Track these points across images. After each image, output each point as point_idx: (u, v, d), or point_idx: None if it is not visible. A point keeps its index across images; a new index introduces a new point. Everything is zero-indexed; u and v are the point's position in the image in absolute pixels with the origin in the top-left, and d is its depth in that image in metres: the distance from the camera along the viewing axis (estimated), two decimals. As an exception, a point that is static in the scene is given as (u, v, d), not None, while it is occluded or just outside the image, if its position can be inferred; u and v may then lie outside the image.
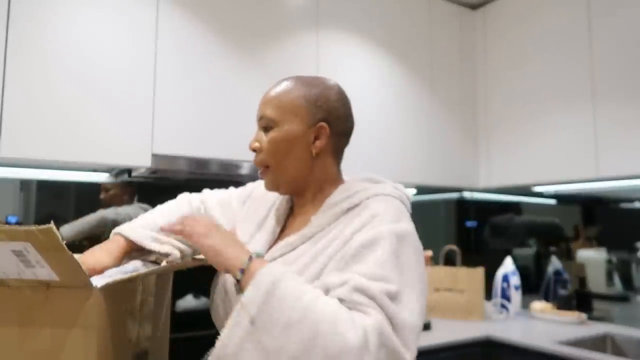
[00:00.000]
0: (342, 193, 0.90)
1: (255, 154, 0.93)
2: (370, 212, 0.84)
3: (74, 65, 1.63)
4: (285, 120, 0.90)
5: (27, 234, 0.56)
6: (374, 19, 2.35)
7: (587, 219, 2.64)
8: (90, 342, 0.66)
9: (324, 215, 0.88)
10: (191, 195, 1.16)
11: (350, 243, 0.80)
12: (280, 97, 0.93)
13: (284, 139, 0.90)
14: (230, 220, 1.05)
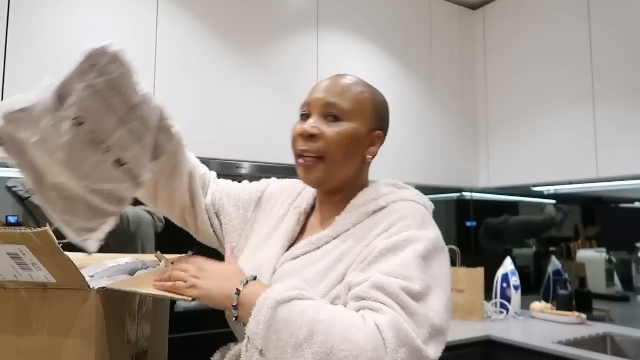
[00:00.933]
0: (367, 195, 0.89)
1: (306, 140, 0.87)
2: (398, 215, 0.82)
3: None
4: (356, 116, 0.87)
5: (23, 236, 0.56)
6: (374, 19, 2.35)
7: (587, 219, 2.64)
8: (88, 343, 0.66)
9: (349, 215, 0.87)
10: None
11: (375, 244, 0.78)
12: (355, 92, 0.88)
13: (353, 136, 0.86)
14: (240, 218, 1.01)
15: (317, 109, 0.88)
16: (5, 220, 1.82)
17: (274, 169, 2.01)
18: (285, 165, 2.04)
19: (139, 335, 0.85)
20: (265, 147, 1.98)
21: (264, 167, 1.98)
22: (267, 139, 1.99)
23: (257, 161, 1.96)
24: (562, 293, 2.37)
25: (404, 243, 0.77)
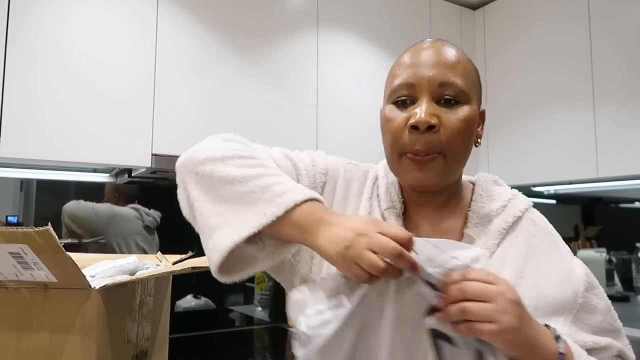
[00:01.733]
0: (485, 198, 0.73)
1: (421, 133, 0.66)
2: (546, 231, 0.72)
3: (74, 66, 1.64)
4: (474, 94, 0.69)
5: (25, 235, 0.56)
6: (374, 19, 2.35)
7: (587, 219, 2.64)
8: (89, 343, 0.66)
9: (483, 231, 0.70)
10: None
11: (569, 286, 0.68)
12: (465, 65, 0.69)
13: (472, 122, 0.68)
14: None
15: (427, 90, 0.67)
16: (5, 220, 1.82)
17: (274, 169, 2.01)
18: (285, 165, 2.04)
19: (139, 335, 0.85)
20: (265, 146, 1.98)
21: (264, 167, 1.98)
22: (267, 139, 1.99)
23: (257, 161, 1.96)
24: (562, 293, 2.36)
25: (592, 281, 0.70)
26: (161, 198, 2.21)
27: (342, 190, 0.75)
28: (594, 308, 0.70)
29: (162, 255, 1.02)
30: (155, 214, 2.10)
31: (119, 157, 1.69)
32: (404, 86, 0.70)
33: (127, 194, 2.07)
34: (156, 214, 2.10)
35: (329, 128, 2.16)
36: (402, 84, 0.70)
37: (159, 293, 0.95)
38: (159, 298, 0.95)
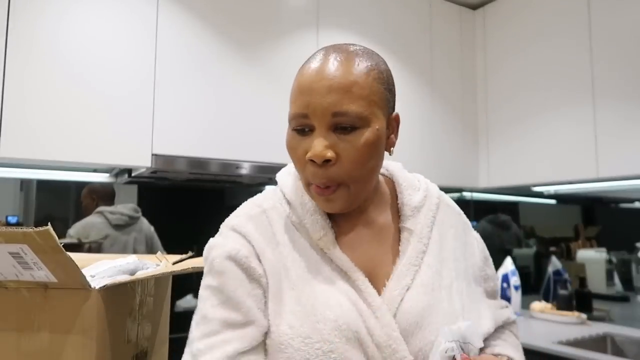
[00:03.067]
0: (410, 189, 0.78)
1: (319, 167, 0.65)
2: (457, 211, 0.85)
3: (74, 66, 1.64)
4: (373, 114, 0.66)
5: (25, 235, 0.56)
6: (374, 19, 2.35)
7: (587, 219, 2.64)
8: (89, 343, 0.66)
9: (416, 221, 0.75)
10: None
11: (471, 254, 0.81)
12: (362, 83, 0.65)
13: (375, 142, 0.66)
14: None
15: (322, 121, 0.65)
16: (5, 220, 1.82)
17: (274, 168, 2.01)
18: (284, 165, 2.03)
19: (139, 335, 0.85)
20: (265, 147, 1.98)
21: (264, 167, 1.98)
22: (267, 139, 1.99)
23: (257, 161, 1.97)
24: (562, 293, 2.37)
25: (487, 253, 0.87)
26: (161, 198, 2.20)
27: (268, 261, 0.71)
28: (489, 276, 0.83)
29: (162, 255, 1.02)
30: (124, 208, 2.03)
31: (119, 157, 1.69)
32: (299, 115, 0.67)
33: (104, 194, 2.03)
34: (125, 208, 2.03)
35: (329, 128, 2.15)
36: (297, 114, 0.67)
37: (159, 293, 0.95)
38: (159, 298, 0.95)
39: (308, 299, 0.67)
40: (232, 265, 0.69)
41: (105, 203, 2.02)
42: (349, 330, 0.65)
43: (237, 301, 0.67)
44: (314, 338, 0.65)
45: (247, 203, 0.77)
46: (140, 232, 2.07)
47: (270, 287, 0.69)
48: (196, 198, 2.28)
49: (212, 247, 0.72)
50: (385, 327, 0.66)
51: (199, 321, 0.68)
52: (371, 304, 0.67)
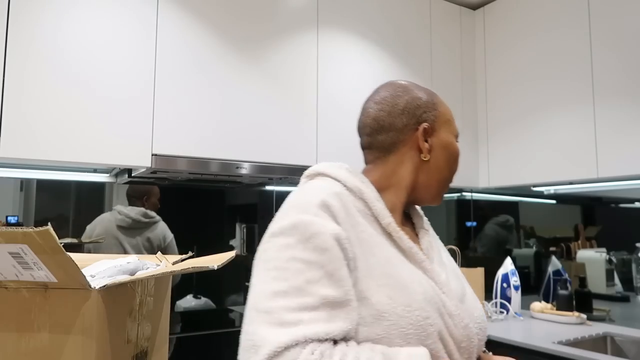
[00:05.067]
0: None
1: None
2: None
3: (74, 66, 1.64)
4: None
5: (24, 235, 0.56)
6: (374, 19, 2.35)
7: (587, 219, 2.64)
8: (89, 343, 0.66)
9: (424, 219, 0.98)
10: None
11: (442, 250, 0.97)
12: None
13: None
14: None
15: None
16: (5, 220, 1.82)
17: (274, 169, 2.01)
18: (284, 165, 2.04)
19: (139, 335, 0.85)
20: (265, 147, 1.98)
21: (264, 167, 1.98)
22: (267, 139, 1.99)
23: (257, 161, 1.97)
24: (562, 293, 2.37)
25: None
26: (161, 198, 2.20)
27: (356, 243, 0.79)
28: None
29: (162, 255, 1.02)
30: (132, 211, 2.04)
31: (119, 157, 1.69)
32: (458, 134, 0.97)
33: (154, 193, 2.12)
34: (132, 211, 2.04)
35: (329, 128, 2.16)
36: (458, 133, 0.96)
37: (159, 293, 0.95)
38: (159, 298, 0.95)
39: (397, 274, 0.78)
40: (335, 244, 0.74)
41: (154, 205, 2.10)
42: (433, 301, 0.78)
43: (340, 280, 0.72)
44: (413, 306, 0.75)
45: (316, 187, 0.83)
46: (145, 239, 2.06)
47: (360, 265, 0.77)
48: (196, 198, 2.28)
49: (309, 223, 0.75)
50: (453, 299, 0.82)
51: (289, 292, 0.70)
52: (437, 282, 0.83)
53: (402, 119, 0.89)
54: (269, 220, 0.82)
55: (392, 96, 0.90)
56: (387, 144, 0.90)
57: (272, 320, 0.68)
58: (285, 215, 0.78)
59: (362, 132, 0.94)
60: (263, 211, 2.45)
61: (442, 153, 0.90)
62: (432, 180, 0.90)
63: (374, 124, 0.91)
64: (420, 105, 0.89)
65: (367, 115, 0.92)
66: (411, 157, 0.89)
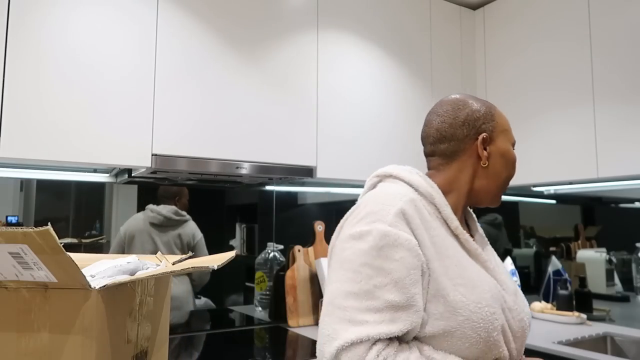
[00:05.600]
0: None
1: None
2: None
3: (74, 66, 1.64)
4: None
5: (25, 235, 0.56)
6: (374, 19, 2.35)
7: (587, 219, 2.64)
8: (89, 343, 0.66)
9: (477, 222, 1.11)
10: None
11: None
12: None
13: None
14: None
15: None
16: (5, 220, 1.82)
17: (274, 169, 2.01)
18: (284, 165, 2.04)
19: (139, 335, 0.85)
20: (265, 147, 1.98)
21: (264, 167, 1.98)
22: (267, 139, 1.99)
23: (257, 161, 1.97)
24: (562, 293, 2.37)
25: None
26: (161, 198, 2.20)
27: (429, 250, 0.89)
28: None
29: (162, 255, 1.02)
30: (164, 209, 2.14)
31: (119, 157, 1.69)
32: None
33: (184, 194, 2.22)
34: (164, 209, 2.14)
35: (329, 128, 2.16)
36: (514, 140, 1.07)
37: (159, 293, 0.95)
38: (159, 298, 0.95)
39: (468, 274, 0.89)
40: (407, 254, 0.84)
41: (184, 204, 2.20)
42: (497, 298, 0.89)
43: (405, 287, 0.82)
44: (482, 303, 0.86)
45: (391, 192, 0.92)
46: (176, 236, 2.15)
47: (434, 266, 0.87)
48: (196, 198, 2.28)
49: (384, 234, 0.85)
50: (511, 295, 0.94)
51: (359, 294, 0.82)
52: (498, 280, 0.94)
53: (463, 130, 0.99)
54: (269, 220, 0.85)
55: (454, 109, 1.01)
56: (449, 152, 1.01)
57: (345, 317, 0.81)
58: (364, 220, 0.89)
59: (426, 142, 1.05)
60: (263, 211, 2.45)
61: (499, 160, 1.01)
62: (491, 185, 1.03)
63: (437, 134, 1.01)
64: (479, 117, 1.00)
65: (430, 126, 1.03)
66: (472, 164, 1.00)
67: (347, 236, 0.89)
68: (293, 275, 2.23)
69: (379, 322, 0.80)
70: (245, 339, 1.98)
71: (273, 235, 2.43)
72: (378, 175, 1.03)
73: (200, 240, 2.22)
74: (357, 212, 0.92)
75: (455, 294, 0.86)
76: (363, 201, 0.93)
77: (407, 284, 0.82)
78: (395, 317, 0.81)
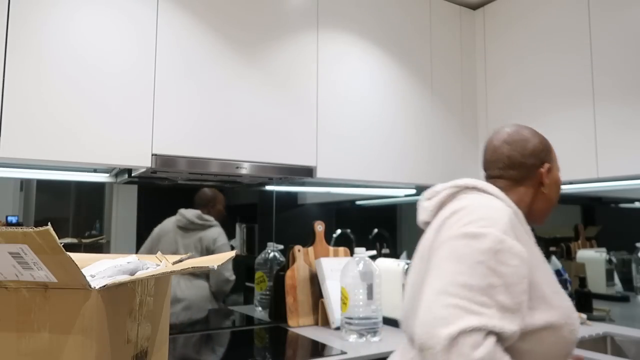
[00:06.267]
0: None
1: None
2: None
3: (74, 66, 1.64)
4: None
5: (25, 235, 0.56)
6: (374, 19, 2.35)
7: (587, 219, 2.64)
8: (89, 343, 0.66)
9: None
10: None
11: None
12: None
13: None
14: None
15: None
16: (5, 220, 1.82)
17: (274, 169, 2.01)
18: (285, 165, 2.04)
19: (139, 335, 0.85)
20: (265, 147, 1.98)
21: (264, 167, 1.98)
22: (267, 139, 1.99)
23: (257, 161, 1.97)
24: (562, 293, 2.37)
25: None
26: (161, 198, 2.21)
27: (526, 248, 1.02)
28: None
29: (162, 255, 1.02)
30: (188, 212, 2.21)
31: (119, 157, 1.69)
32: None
33: (219, 200, 2.30)
34: (188, 213, 2.21)
35: (329, 128, 2.16)
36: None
37: (159, 293, 0.95)
38: (159, 298, 0.95)
39: (556, 283, 1.03)
40: (518, 263, 0.94)
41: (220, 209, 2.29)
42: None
43: (515, 292, 0.92)
44: (568, 311, 1.00)
45: (493, 204, 1.04)
46: (197, 239, 2.22)
47: (536, 274, 0.99)
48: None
49: (500, 240, 0.95)
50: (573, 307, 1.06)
51: (474, 288, 0.91)
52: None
53: (531, 160, 1.16)
54: (269, 220, 0.84)
55: (522, 140, 1.17)
56: (517, 178, 1.16)
57: (459, 305, 0.89)
58: (476, 223, 0.98)
59: (494, 166, 1.19)
60: (263, 211, 2.45)
61: (554, 186, 1.18)
62: (547, 207, 1.19)
63: (508, 161, 1.17)
64: (543, 149, 1.18)
65: (500, 153, 1.18)
66: (534, 188, 1.17)
67: (459, 234, 0.98)
68: (293, 275, 2.23)
69: (491, 316, 0.88)
70: (245, 339, 1.98)
71: (273, 235, 2.43)
72: (457, 186, 1.14)
73: (221, 246, 2.28)
74: (461, 216, 1.02)
75: (554, 300, 0.99)
76: (464, 207, 1.04)
77: (518, 291, 0.92)
78: (504, 317, 0.89)
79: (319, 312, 2.23)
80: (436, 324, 0.88)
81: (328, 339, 1.95)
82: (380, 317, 1.99)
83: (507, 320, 0.89)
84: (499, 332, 0.88)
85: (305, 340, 1.93)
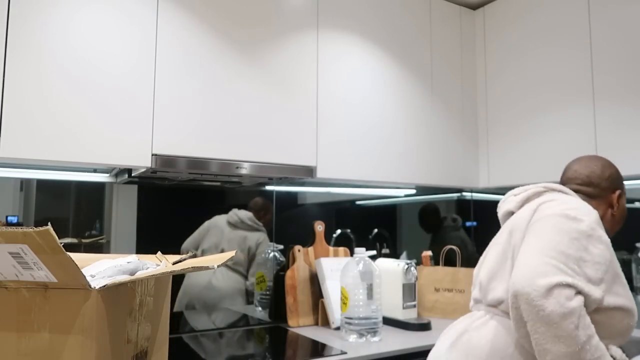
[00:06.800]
0: None
1: None
2: None
3: (74, 66, 1.64)
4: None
5: (25, 235, 0.56)
6: (374, 19, 2.35)
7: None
8: (89, 343, 0.66)
9: None
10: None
11: None
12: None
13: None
14: None
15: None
16: (5, 220, 1.82)
17: (274, 169, 2.01)
18: (285, 165, 2.04)
19: (139, 335, 0.85)
20: (265, 147, 1.98)
21: (264, 167, 1.98)
22: (267, 139, 1.99)
23: (257, 161, 1.97)
24: (562, 293, 2.36)
25: None
26: (161, 198, 2.21)
27: None
28: None
29: (162, 255, 1.02)
30: (241, 212, 2.33)
31: (119, 157, 1.69)
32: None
33: (270, 210, 2.42)
34: (242, 212, 2.33)
35: (329, 128, 2.16)
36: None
37: (159, 293, 0.95)
38: (159, 298, 0.95)
39: (624, 278, 1.18)
40: (604, 248, 1.16)
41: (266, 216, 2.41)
42: None
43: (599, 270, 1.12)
44: (633, 301, 1.16)
45: (585, 203, 1.24)
46: (242, 237, 2.32)
47: (615, 267, 1.17)
48: (196, 198, 2.28)
49: (594, 228, 1.16)
50: None
51: (569, 257, 1.10)
52: None
53: (607, 183, 1.35)
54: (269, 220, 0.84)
55: (603, 166, 1.37)
56: (591, 194, 1.36)
57: (556, 265, 1.07)
58: (573, 210, 1.18)
59: (573, 181, 1.39)
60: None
61: (621, 211, 1.38)
62: (613, 227, 1.39)
63: (586, 179, 1.36)
64: (618, 177, 1.38)
65: (581, 171, 1.37)
66: (604, 208, 1.36)
67: (561, 213, 1.17)
68: (293, 275, 2.23)
69: (579, 280, 1.07)
70: (245, 339, 1.98)
71: (273, 235, 2.43)
72: (545, 186, 1.35)
73: (262, 250, 2.36)
74: (559, 203, 1.22)
75: (626, 290, 1.17)
76: (558, 198, 1.25)
77: (601, 270, 1.11)
78: (589, 285, 1.08)
79: (319, 312, 2.23)
80: (535, 276, 1.05)
81: (328, 339, 1.95)
82: (380, 317, 1.99)
83: (592, 289, 1.08)
84: (586, 294, 1.06)
85: (305, 340, 1.93)
